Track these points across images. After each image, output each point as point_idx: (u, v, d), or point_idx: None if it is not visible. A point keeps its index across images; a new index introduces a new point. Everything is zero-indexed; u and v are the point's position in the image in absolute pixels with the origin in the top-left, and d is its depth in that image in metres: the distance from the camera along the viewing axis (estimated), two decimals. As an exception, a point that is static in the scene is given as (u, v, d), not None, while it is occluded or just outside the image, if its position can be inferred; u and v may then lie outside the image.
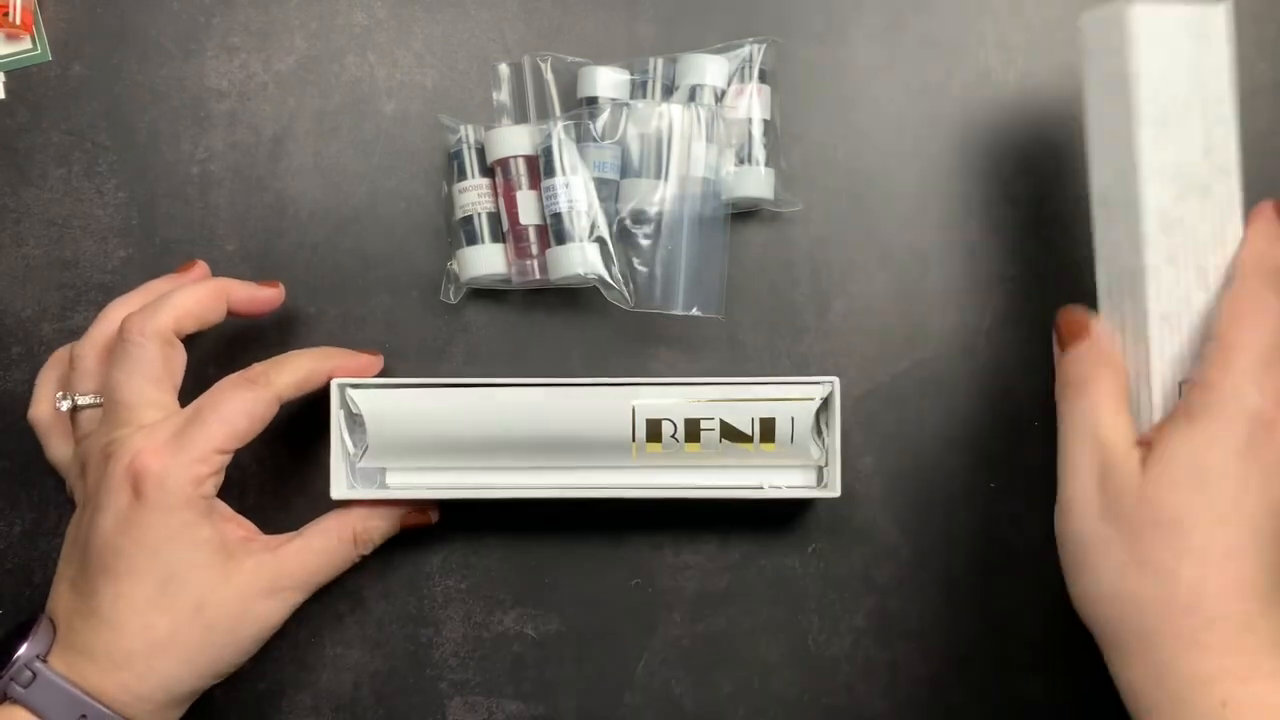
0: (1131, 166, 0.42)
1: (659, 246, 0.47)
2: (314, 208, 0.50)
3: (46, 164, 0.50)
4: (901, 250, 0.50)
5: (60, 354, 0.46)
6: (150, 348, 0.41)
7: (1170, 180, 0.42)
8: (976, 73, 0.50)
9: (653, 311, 0.47)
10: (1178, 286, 0.42)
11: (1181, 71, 0.42)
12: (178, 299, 0.43)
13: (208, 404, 0.41)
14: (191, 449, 0.40)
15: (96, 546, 0.40)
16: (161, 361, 0.42)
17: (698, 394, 0.45)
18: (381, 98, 0.50)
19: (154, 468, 0.39)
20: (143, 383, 0.41)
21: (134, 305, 0.44)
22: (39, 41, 0.50)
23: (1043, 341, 0.50)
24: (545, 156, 0.47)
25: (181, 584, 0.40)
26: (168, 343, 0.42)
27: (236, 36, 0.50)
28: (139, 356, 0.41)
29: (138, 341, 0.41)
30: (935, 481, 0.49)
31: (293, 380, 0.43)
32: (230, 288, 0.45)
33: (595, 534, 0.49)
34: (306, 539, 0.44)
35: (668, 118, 0.47)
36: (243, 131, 0.50)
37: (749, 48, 0.48)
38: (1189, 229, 0.42)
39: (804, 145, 0.50)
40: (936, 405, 0.50)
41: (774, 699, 0.49)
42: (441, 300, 0.49)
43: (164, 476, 0.39)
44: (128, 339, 0.41)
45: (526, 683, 0.49)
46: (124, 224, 0.50)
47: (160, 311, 0.42)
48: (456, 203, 0.48)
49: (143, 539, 0.39)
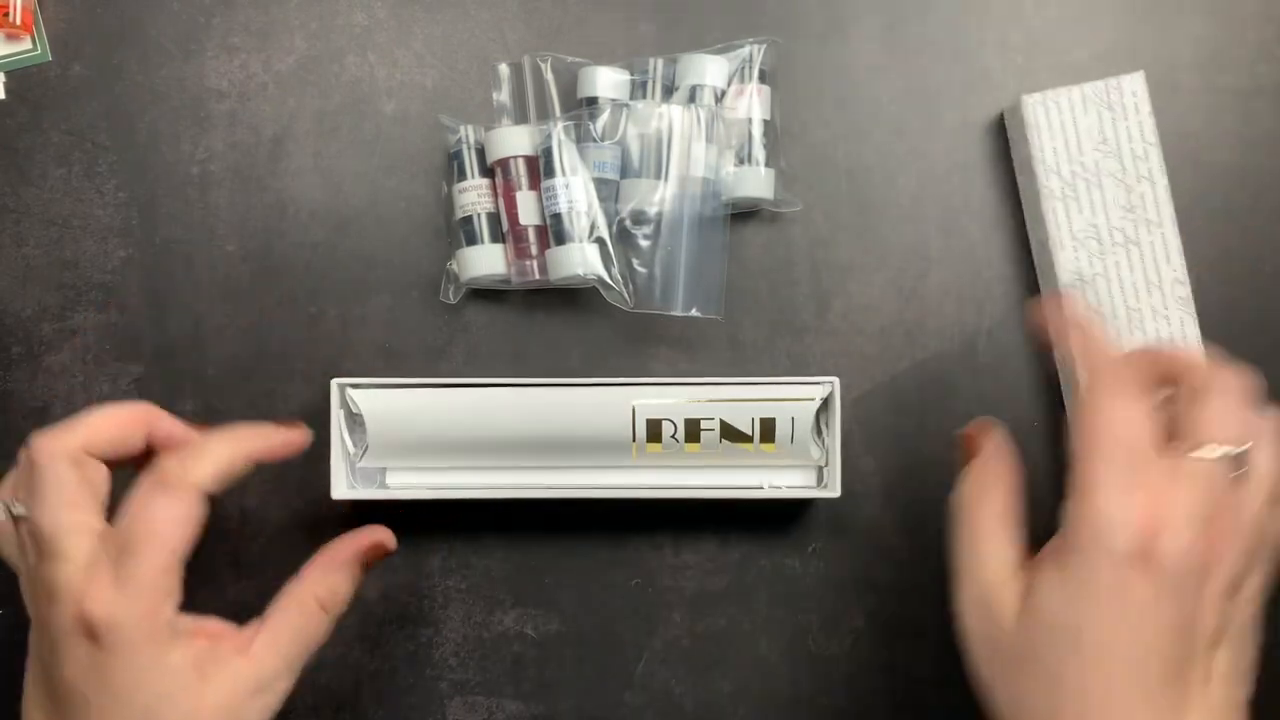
0: (1046, 236, 0.47)
1: (658, 247, 0.47)
2: (314, 208, 0.50)
3: (46, 164, 0.50)
4: (901, 250, 0.50)
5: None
6: (58, 469, 0.38)
7: (1084, 243, 0.47)
8: (976, 73, 0.50)
9: (652, 312, 0.47)
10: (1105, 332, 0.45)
11: (1089, 145, 0.47)
12: (91, 417, 0.39)
13: (134, 526, 0.37)
14: (136, 583, 0.36)
15: (63, 690, 0.37)
16: (76, 484, 0.38)
17: (698, 394, 0.45)
18: (381, 98, 0.50)
19: (104, 615, 0.36)
20: (57, 508, 0.37)
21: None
22: (39, 41, 0.50)
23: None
24: (545, 157, 0.47)
25: (161, 714, 0.37)
26: (78, 463, 0.38)
27: (236, 36, 0.50)
28: (49, 480, 0.37)
29: (44, 464, 0.37)
30: (935, 481, 0.49)
31: (213, 471, 0.39)
32: (152, 415, 0.41)
33: (595, 534, 0.49)
34: (272, 627, 0.40)
35: (667, 118, 0.47)
36: (243, 131, 0.50)
37: (749, 48, 0.48)
38: (1114, 280, 0.47)
39: (804, 145, 0.50)
40: (936, 405, 0.50)
41: (774, 699, 0.49)
42: (441, 300, 0.49)
43: (117, 621, 0.36)
44: (34, 461, 0.38)
45: (526, 683, 0.49)
46: (124, 224, 0.50)
47: (70, 429, 0.39)
48: (456, 203, 0.48)
49: (108, 684, 0.36)
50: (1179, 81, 0.50)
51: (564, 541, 0.49)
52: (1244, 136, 0.50)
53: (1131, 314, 0.47)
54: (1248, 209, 0.50)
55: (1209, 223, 0.50)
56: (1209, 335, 0.48)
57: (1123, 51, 0.51)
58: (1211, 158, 0.50)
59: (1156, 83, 0.49)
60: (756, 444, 0.45)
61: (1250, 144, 0.51)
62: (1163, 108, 0.49)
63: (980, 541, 0.37)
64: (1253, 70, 0.50)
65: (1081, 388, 0.37)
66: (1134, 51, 0.51)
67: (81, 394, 0.49)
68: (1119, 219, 0.47)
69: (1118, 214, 0.47)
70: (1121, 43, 0.51)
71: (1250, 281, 0.50)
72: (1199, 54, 0.51)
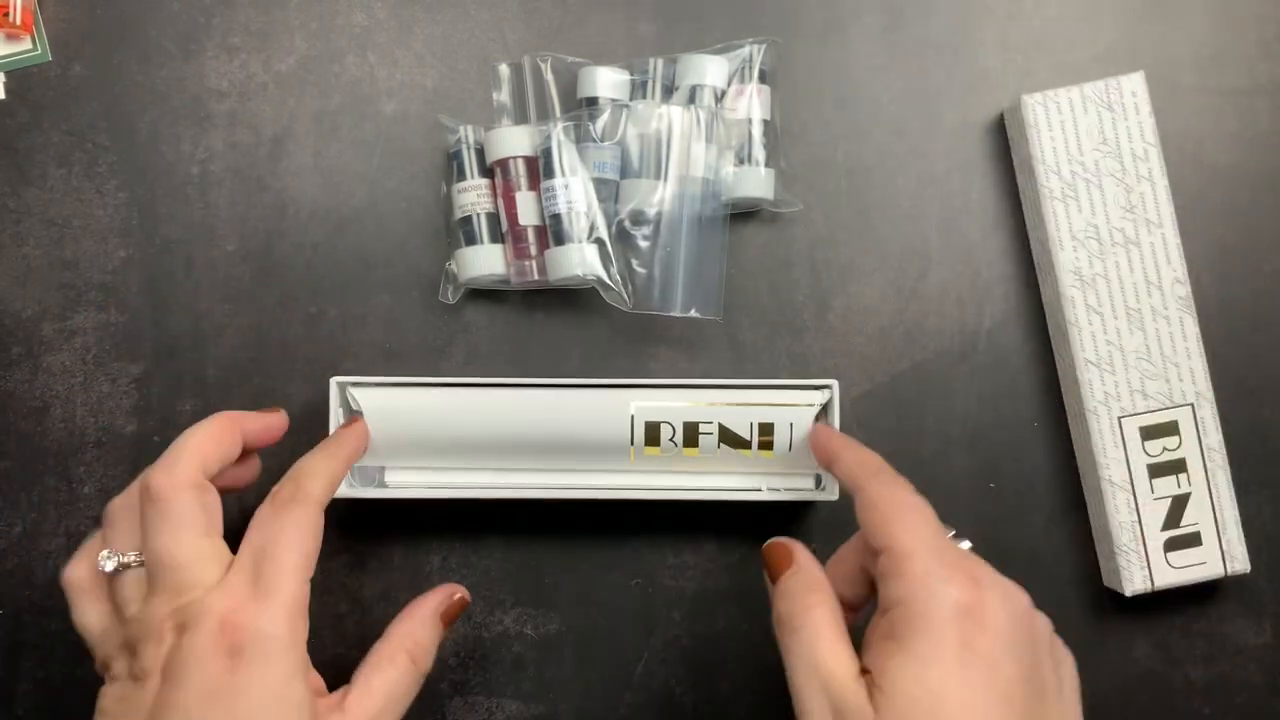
0: (1046, 236, 0.47)
1: (657, 247, 0.47)
2: (314, 208, 0.50)
3: (46, 164, 0.50)
4: (901, 250, 0.50)
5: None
6: (184, 499, 0.38)
7: (1084, 243, 0.47)
8: (976, 73, 0.50)
9: (651, 313, 0.47)
10: (1104, 332, 0.47)
11: (1089, 145, 0.47)
12: (192, 440, 0.39)
13: (266, 539, 0.38)
14: (279, 591, 0.36)
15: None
16: (201, 510, 0.38)
17: (696, 397, 0.45)
18: (381, 98, 0.50)
19: (250, 624, 0.36)
20: (190, 538, 0.37)
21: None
22: (39, 41, 0.50)
23: (1042, 341, 0.50)
24: (545, 158, 0.47)
25: None
26: (200, 488, 0.38)
27: (236, 36, 0.50)
28: (175, 512, 0.37)
29: (169, 496, 0.37)
30: (935, 481, 0.49)
31: (324, 484, 0.40)
32: (240, 419, 0.42)
33: (595, 534, 0.49)
34: (366, 683, 0.40)
35: (667, 118, 0.47)
36: (243, 131, 0.50)
37: (749, 48, 0.48)
38: (1114, 280, 0.47)
39: (804, 145, 0.50)
40: (936, 405, 0.50)
41: (774, 699, 0.49)
42: (440, 300, 0.49)
43: (262, 630, 0.36)
44: (156, 497, 0.37)
45: (526, 683, 0.49)
46: (124, 224, 0.50)
47: (181, 457, 0.39)
48: (455, 203, 0.48)
49: (236, 707, 0.35)
50: (1179, 81, 0.50)
51: (564, 541, 0.49)
52: (1244, 136, 0.50)
53: (1131, 314, 0.47)
54: (1248, 209, 0.50)
55: (1209, 223, 0.50)
56: (1209, 335, 0.48)
57: (1123, 51, 0.51)
58: (1211, 158, 0.50)
59: (1156, 83, 0.49)
60: (755, 450, 0.45)
61: (1250, 144, 0.51)
62: (1163, 108, 0.49)
63: (819, 648, 0.36)
64: (1253, 70, 0.50)
65: (863, 493, 0.38)
66: (1134, 51, 0.51)
67: (81, 394, 0.49)
68: (1119, 219, 0.47)
69: (1118, 214, 0.47)
70: (1121, 43, 0.51)
71: (1250, 281, 0.50)
72: (1199, 54, 0.51)
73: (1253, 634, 0.49)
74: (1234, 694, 0.49)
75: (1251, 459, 0.49)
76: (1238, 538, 0.47)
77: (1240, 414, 0.49)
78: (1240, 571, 0.47)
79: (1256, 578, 0.49)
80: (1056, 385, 0.50)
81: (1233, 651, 0.49)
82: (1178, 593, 0.48)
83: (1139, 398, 0.47)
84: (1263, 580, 0.49)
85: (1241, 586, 0.49)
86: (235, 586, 0.37)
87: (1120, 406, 0.47)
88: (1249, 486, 0.49)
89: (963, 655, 0.34)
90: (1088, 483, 0.49)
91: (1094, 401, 0.47)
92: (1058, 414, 0.49)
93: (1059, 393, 0.49)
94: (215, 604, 0.36)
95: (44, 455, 0.49)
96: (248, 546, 0.38)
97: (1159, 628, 0.49)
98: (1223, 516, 0.47)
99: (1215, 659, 0.49)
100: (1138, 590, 0.46)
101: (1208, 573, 0.47)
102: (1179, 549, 0.47)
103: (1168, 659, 0.49)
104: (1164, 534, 0.47)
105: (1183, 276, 0.47)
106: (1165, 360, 0.47)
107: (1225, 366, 0.49)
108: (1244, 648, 0.49)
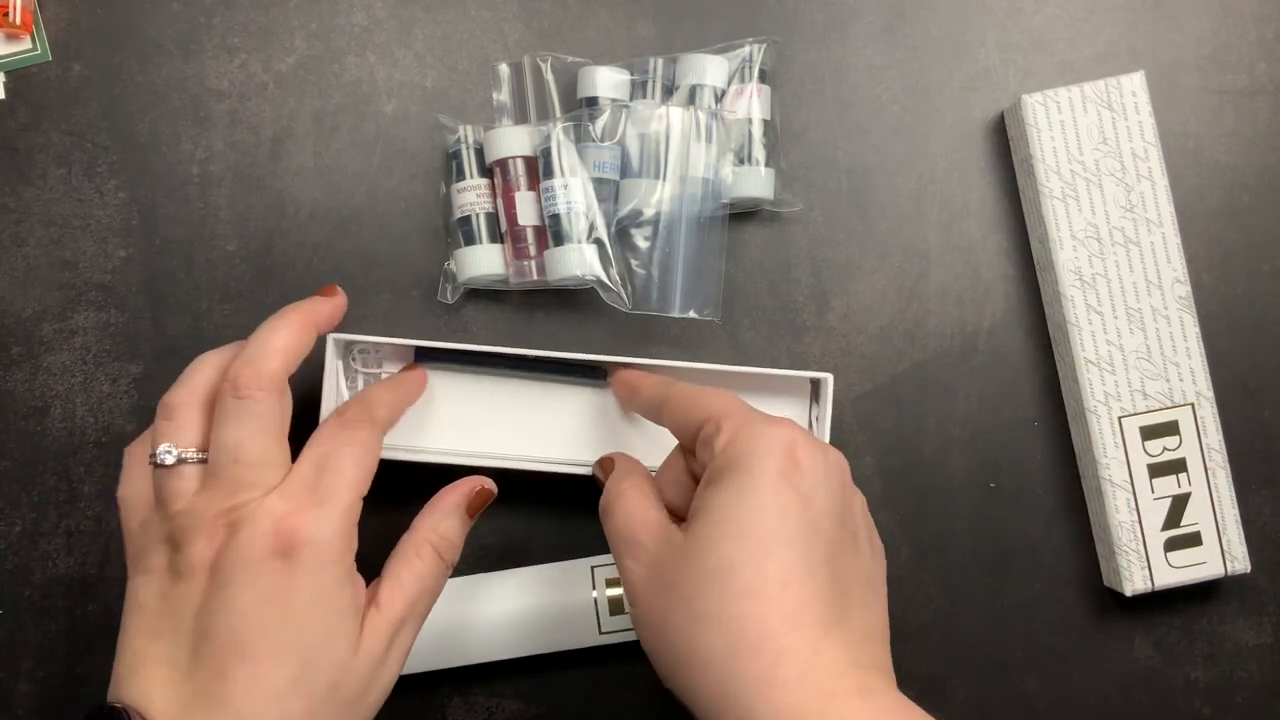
0: (1046, 235, 0.47)
1: (656, 248, 0.47)
2: (314, 208, 0.50)
3: (46, 164, 0.50)
4: (901, 250, 0.50)
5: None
6: (269, 399, 0.38)
7: (1084, 243, 0.47)
8: (976, 73, 0.50)
9: (650, 313, 0.47)
10: (1104, 332, 0.47)
11: (1089, 144, 0.47)
12: (278, 339, 0.39)
13: (329, 451, 0.38)
14: (336, 500, 0.37)
15: (228, 625, 0.35)
16: (281, 414, 0.38)
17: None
18: (381, 98, 0.50)
19: (306, 529, 0.36)
20: (267, 440, 0.38)
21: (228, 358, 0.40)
22: (39, 41, 0.50)
23: (1042, 341, 0.50)
24: (544, 158, 0.47)
25: (321, 660, 0.36)
26: (283, 392, 0.39)
27: (236, 36, 0.50)
28: (259, 411, 0.38)
29: (255, 395, 0.38)
30: (935, 481, 0.49)
31: (387, 414, 0.42)
32: (313, 311, 0.42)
33: (596, 532, 0.49)
34: (395, 577, 0.40)
35: (667, 118, 0.47)
36: (243, 131, 0.50)
37: (749, 48, 0.48)
38: (1114, 280, 0.47)
39: (804, 145, 0.50)
40: (936, 405, 0.50)
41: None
42: (440, 300, 0.49)
43: (318, 535, 0.36)
44: (244, 394, 0.38)
45: (526, 683, 0.49)
46: (124, 224, 0.50)
47: (270, 357, 0.39)
48: (455, 203, 0.48)
49: (289, 608, 0.36)
50: (1179, 81, 0.50)
51: (564, 538, 0.49)
52: (1244, 136, 0.50)
53: (1131, 314, 0.47)
54: (1248, 209, 0.50)
55: (1209, 222, 0.50)
56: (1209, 335, 0.48)
57: (1123, 51, 0.50)
58: (1211, 158, 0.50)
59: (1156, 83, 0.49)
60: None
61: (1250, 143, 0.51)
62: (1163, 108, 0.49)
63: (633, 513, 0.38)
64: (1253, 70, 0.50)
65: (669, 397, 0.41)
66: (1134, 51, 0.50)
67: (81, 394, 0.49)
68: (1119, 219, 0.47)
69: (1118, 214, 0.47)
70: (1121, 43, 0.51)
71: (1250, 281, 0.50)
72: (1199, 54, 0.51)
73: (1253, 634, 0.49)
74: (1234, 694, 0.49)
75: (1251, 459, 0.49)
76: (1238, 538, 0.47)
77: (1240, 414, 0.49)
78: (1240, 571, 0.47)
79: (1256, 578, 0.49)
80: (1056, 385, 0.50)
81: (1233, 651, 0.49)
82: (1178, 593, 0.48)
83: (1139, 398, 0.47)
84: (1263, 580, 0.49)
85: (1241, 586, 0.49)
86: (294, 492, 0.37)
87: (1120, 406, 0.47)
88: (1249, 486, 0.49)
89: (778, 485, 0.35)
90: (1088, 483, 0.49)
91: (1094, 401, 0.47)
92: (1058, 414, 0.49)
93: (1059, 393, 0.49)
94: (273, 506, 0.36)
95: (44, 455, 0.49)
96: (309, 456, 0.39)
97: (1159, 628, 0.49)
98: (1223, 516, 0.47)
99: (1215, 659, 0.49)
100: (1138, 590, 0.46)
101: (1208, 573, 0.47)
102: (1179, 549, 0.47)
103: (1168, 659, 0.49)
104: (1164, 534, 0.47)
105: (1183, 276, 0.47)
106: (1165, 360, 0.47)
107: (1225, 366, 0.49)
108: (1244, 648, 0.49)
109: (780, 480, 0.35)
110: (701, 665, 0.34)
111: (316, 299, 0.43)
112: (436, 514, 0.42)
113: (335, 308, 0.43)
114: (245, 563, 0.36)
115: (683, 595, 0.35)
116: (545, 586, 0.47)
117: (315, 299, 0.43)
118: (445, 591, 0.47)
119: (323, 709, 0.36)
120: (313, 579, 0.36)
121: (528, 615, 0.46)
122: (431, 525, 0.41)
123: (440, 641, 0.46)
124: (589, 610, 0.46)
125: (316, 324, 0.42)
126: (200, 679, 0.35)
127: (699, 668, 0.34)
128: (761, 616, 0.33)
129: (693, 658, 0.34)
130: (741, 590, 0.34)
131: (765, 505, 0.35)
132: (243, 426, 0.37)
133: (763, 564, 0.34)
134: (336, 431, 0.39)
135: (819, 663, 0.33)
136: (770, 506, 0.35)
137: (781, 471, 0.35)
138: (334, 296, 0.43)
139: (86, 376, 0.49)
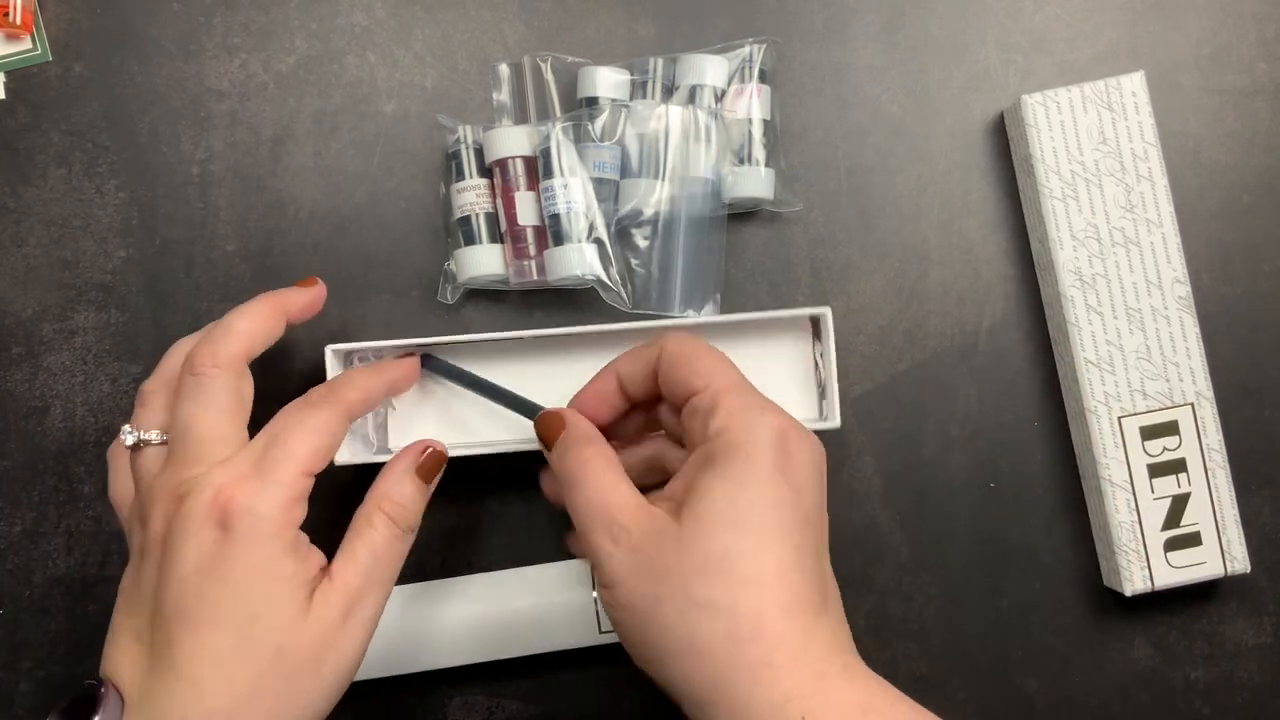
0: (1046, 235, 0.47)
1: (656, 248, 0.47)
2: (314, 208, 0.50)
3: (46, 164, 0.50)
4: (901, 250, 0.50)
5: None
6: (223, 378, 0.39)
7: (1084, 243, 0.47)
8: (976, 73, 0.50)
9: (650, 313, 0.47)
10: (1104, 332, 0.47)
11: (1089, 144, 0.47)
12: (240, 324, 0.40)
13: (282, 428, 0.39)
14: (277, 474, 0.37)
15: (172, 594, 0.36)
16: (235, 393, 0.39)
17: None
18: (381, 98, 0.50)
19: (241, 499, 0.37)
20: (217, 416, 0.38)
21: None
22: (39, 41, 0.50)
23: (1042, 341, 0.50)
24: (544, 158, 0.47)
25: (262, 626, 0.37)
26: (239, 373, 0.40)
27: (236, 36, 0.50)
28: (211, 388, 0.39)
29: (209, 373, 0.39)
30: (935, 481, 0.49)
31: (359, 397, 0.41)
32: (284, 300, 0.43)
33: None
34: (348, 548, 0.40)
35: (667, 118, 0.47)
36: (243, 131, 0.50)
37: (749, 48, 0.48)
38: (1114, 280, 0.47)
39: (804, 145, 0.50)
40: (936, 405, 0.50)
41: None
42: (440, 300, 0.49)
43: (253, 506, 0.37)
44: (198, 371, 0.39)
45: (526, 683, 0.49)
46: (124, 224, 0.50)
47: (228, 339, 0.40)
48: (454, 203, 0.48)
49: (227, 576, 0.36)
50: (1179, 81, 0.50)
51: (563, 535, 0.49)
52: (1244, 136, 0.50)
53: (1131, 314, 0.47)
54: (1248, 209, 0.50)
55: (1209, 222, 0.50)
56: (1209, 335, 0.48)
57: (1123, 51, 0.50)
58: (1211, 157, 0.50)
59: (1156, 83, 0.49)
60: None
61: (1250, 143, 0.51)
62: (1163, 108, 0.49)
63: (604, 487, 0.38)
64: (1253, 70, 0.50)
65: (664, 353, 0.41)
66: (1134, 51, 0.50)
67: (81, 394, 0.49)
68: (1119, 219, 0.47)
69: (1118, 214, 0.47)
70: (1121, 43, 0.51)
71: (1250, 281, 0.50)
72: (1199, 54, 0.51)
73: (1253, 634, 0.49)
74: (1234, 694, 0.49)
75: (1251, 459, 0.49)
76: (1238, 538, 0.47)
77: (1240, 414, 0.49)
78: (1240, 571, 0.47)
79: (1256, 578, 0.49)
80: (1056, 385, 0.50)
81: (1233, 651, 0.49)
82: (1178, 593, 0.48)
83: (1139, 398, 0.47)
84: (1262, 580, 0.49)
85: (1241, 586, 0.49)
86: (237, 465, 0.38)
87: (1120, 406, 0.47)
88: (1249, 486, 0.49)
89: (774, 478, 0.36)
90: (1088, 483, 0.49)
91: (1094, 401, 0.47)
92: (1058, 414, 0.49)
93: (1059, 393, 0.49)
94: (215, 477, 0.37)
95: (44, 455, 0.49)
96: (264, 432, 0.39)
97: (1159, 628, 0.49)
98: (1223, 516, 0.47)
99: (1215, 659, 0.49)
100: (1138, 590, 0.46)
101: (1208, 573, 0.47)
102: (1179, 549, 0.47)
103: (1168, 659, 0.49)
104: (1164, 534, 0.47)
105: (1183, 276, 0.47)
106: (1165, 360, 0.47)
107: (1225, 366, 0.49)
108: (1244, 648, 0.49)
109: (776, 474, 0.36)
110: (699, 653, 0.34)
111: (292, 288, 0.43)
112: (386, 480, 0.42)
113: (311, 297, 0.44)
114: (185, 532, 0.37)
115: (678, 583, 0.35)
116: (545, 586, 0.46)
117: (290, 288, 0.43)
118: (445, 591, 0.47)
119: (270, 675, 0.37)
120: (248, 549, 0.37)
121: (527, 615, 0.46)
122: (382, 492, 0.41)
123: (439, 641, 0.46)
124: (589, 610, 0.46)
125: (286, 311, 0.42)
126: (156, 647, 0.37)
127: (695, 655, 0.35)
128: (759, 605, 0.35)
129: (690, 645, 0.35)
130: (741, 580, 0.35)
131: (764, 498, 0.36)
132: (195, 403, 0.39)
133: (760, 556, 0.35)
134: (295, 410, 0.40)
135: (811, 648, 0.34)
136: (768, 499, 0.36)
137: (777, 465, 0.36)
138: (311, 286, 0.44)
139: (86, 376, 0.49)
